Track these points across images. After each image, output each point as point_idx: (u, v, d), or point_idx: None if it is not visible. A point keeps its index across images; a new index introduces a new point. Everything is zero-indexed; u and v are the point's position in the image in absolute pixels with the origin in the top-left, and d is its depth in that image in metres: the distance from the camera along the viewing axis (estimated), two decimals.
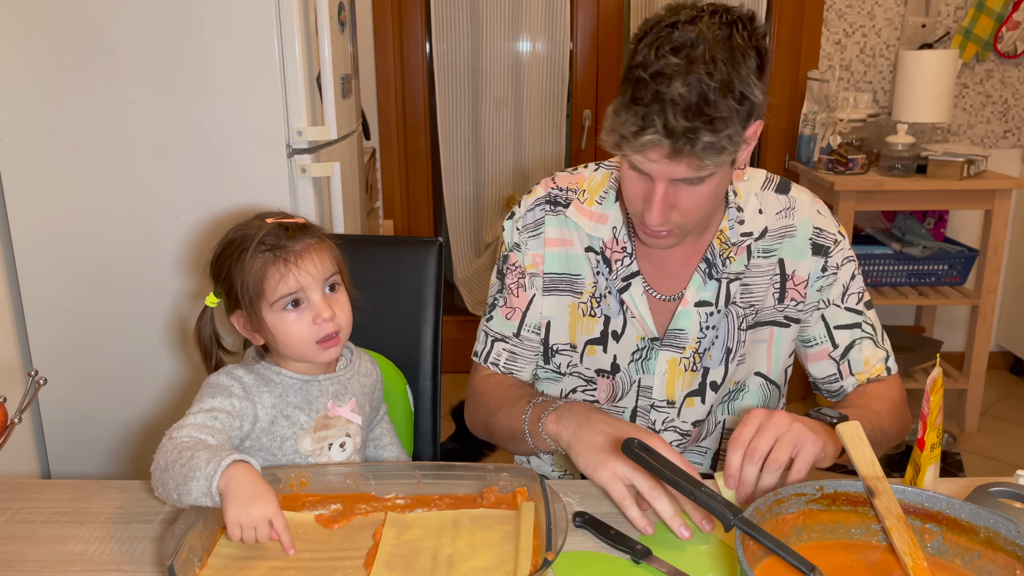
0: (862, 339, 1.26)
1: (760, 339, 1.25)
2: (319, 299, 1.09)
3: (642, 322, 1.23)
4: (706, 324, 1.23)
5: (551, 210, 1.28)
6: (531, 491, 1.05)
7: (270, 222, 1.11)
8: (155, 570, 0.96)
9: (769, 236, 1.23)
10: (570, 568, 0.96)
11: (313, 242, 1.11)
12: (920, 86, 2.81)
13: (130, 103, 1.75)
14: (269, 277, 1.08)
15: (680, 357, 1.24)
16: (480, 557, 0.94)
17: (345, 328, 1.13)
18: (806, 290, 1.24)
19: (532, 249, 1.28)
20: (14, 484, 1.16)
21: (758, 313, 1.24)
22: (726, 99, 0.98)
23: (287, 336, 1.09)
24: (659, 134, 0.99)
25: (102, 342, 1.86)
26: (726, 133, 0.99)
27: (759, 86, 1.01)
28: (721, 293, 1.22)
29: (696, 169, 1.02)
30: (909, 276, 2.98)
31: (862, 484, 0.88)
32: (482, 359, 1.34)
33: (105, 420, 1.89)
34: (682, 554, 0.98)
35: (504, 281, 1.31)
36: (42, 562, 0.98)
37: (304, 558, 0.95)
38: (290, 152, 1.79)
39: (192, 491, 0.94)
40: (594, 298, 1.26)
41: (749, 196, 1.24)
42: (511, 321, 1.31)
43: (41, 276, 1.85)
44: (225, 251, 1.12)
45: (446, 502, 1.05)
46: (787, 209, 1.24)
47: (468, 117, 3.32)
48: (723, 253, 1.22)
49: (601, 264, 1.25)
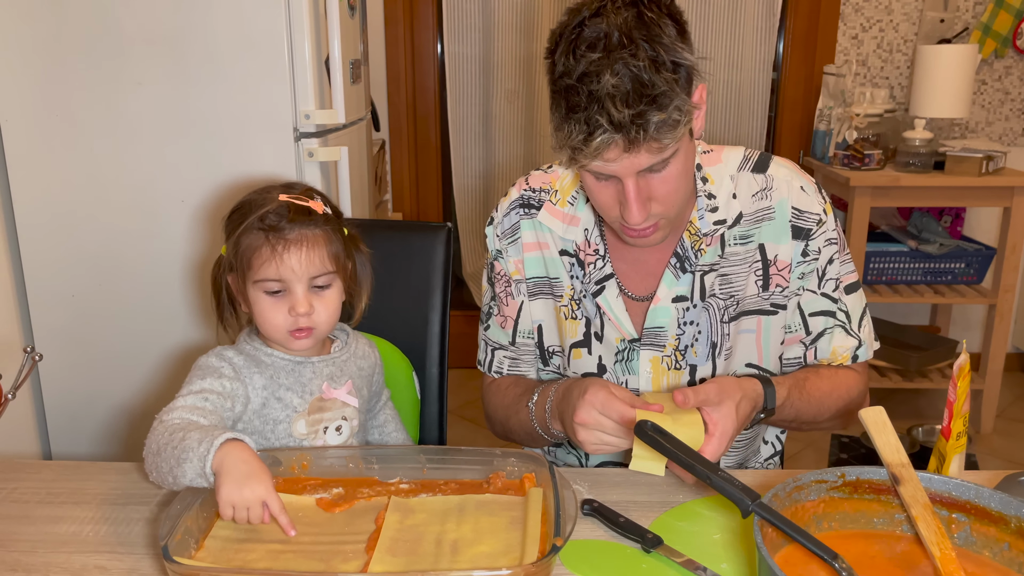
0: (834, 328, 1.21)
1: (746, 329, 1.20)
2: (301, 292, 1.06)
3: (618, 324, 1.20)
4: (684, 320, 1.19)
5: (525, 214, 1.25)
6: (539, 477, 1.01)
7: (281, 199, 1.08)
8: (150, 551, 0.94)
9: (745, 221, 1.17)
10: (579, 557, 0.92)
11: (309, 233, 1.06)
12: (939, 81, 2.76)
13: (136, 84, 1.73)
14: (256, 256, 1.06)
15: (661, 356, 1.20)
16: (486, 543, 0.91)
17: (322, 325, 1.09)
18: (790, 275, 1.19)
19: (512, 256, 1.26)
20: (10, 463, 1.14)
21: (740, 303, 1.19)
22: (660, 73, 0.94)
23: (261, 316, 1.08)
24: (608, 132, 0.95)
25: (105, 326, 1.84)
26: (673, 106, 0.95)
27: (687, 48, 0.98)
28: (696, 286, 1.18)
29: (657, 152, 0.99)
30: (925, 274, 2.93)
31: (886, 471, 0.84)
32: (486, 368, 1.34)
33: (107, 404, 1.87)
34: (694, 543, 0.94)
35: (494, 289, 1.30)
36: (35, 542, 0.96)
37: (304, 541, 0.92)
38: (297, 136, 1.77)
39: (186, 472, 0.92)
40: (573, 300, 1.23)
41: (723, 180, 1.18)
42: (505, 330, 1.30)
43: (45, 260, 1.82)
44: (236, 211, 1.11)
45: (451, 487, 1.02)
46: (764, 190, 1.17)
47: (479, 110, 3.29)
48: (694, 245, 1.17)
49: (575, 267, 1.22)
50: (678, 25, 0.99)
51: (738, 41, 3.10)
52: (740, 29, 3.09)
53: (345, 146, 1.82)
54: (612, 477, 1.11)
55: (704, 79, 1.03)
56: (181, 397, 1.04)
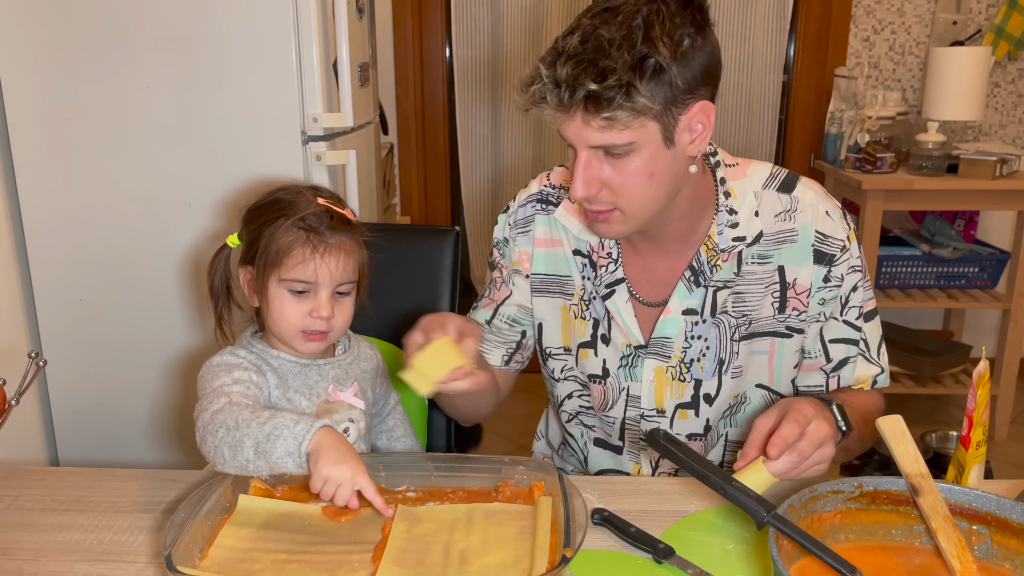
0: (857, 357, 1.18)
1: (759, 350, 1.17)
2: (325, 296, 1.08)
3: (625, 329, 1.18)
4: (692, 333, 1.16)
5: (542, 209, 1.24)
6: (549, 486, 1.00)
7: (321, 203, 1.10)
8: (154, 561, 0.92)
9: (765, 241, 1.14)
10: (589, 567, 0.91)
11: (348, 242, 1.09)
12: (952, 83, 2.73)
13: (144, 87, 1.72)
14: (292, 255, 1.06)
15: (667, 366, 1.18)
16: (494, 553, 0.89)
17: (337, 330, 1.11)
18: (808, 299, 1.15)
19: (520, 246, 1.25)
20: (15, 471, 1.13)
21: (752, 323, 1.16)
22: (622, 54, 0.95)
23: (279, 313, 1.08)
24: (544, 83, 0.99)
25: (113, 331, 1.83)
26: (613, 84, 0.95)
27: (684, 61, 0.97)
28: (707, 302, 1.16)
29: (602, 130, 0.98)
30: (938, 278, 2.90)
31: (905, 482, 0.82)
32: None
33: (115, 410, 1.86)
34: (707, 554, 0.92)
35: (492, 275, 1.30)
36: (38, 550, 0.94)
37: (309, 551, 0.90)
38: (305, 139, 1.76)
39: (276, 449, 0.91)
40: (584, 301, 1.21)
41: (746, 196, 1.15)
42: (486, 310, 1.28)
43: (52, 263, 1.82)
44: (268, 206, 1.11)
45: (459, 496, 1.01)
46: (788, 211, 1.14)
47: (487, 113, 3.28)
48: (710, 260, 1.15)
49: (587, 268, 1.21)
50: (692, 39, 0.98)
51: (748, 43, 3.08)
52: (750, 31, 3.07)
53: (353, 150, 1.81)
54: (622, 486, 1.09)
55: (704, 98, 1.01)
56: (220, 387, 1.02)
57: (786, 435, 0.93)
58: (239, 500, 0.97)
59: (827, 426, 0.97)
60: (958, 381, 2.89)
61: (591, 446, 1.27)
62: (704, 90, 1.01)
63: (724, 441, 1.22)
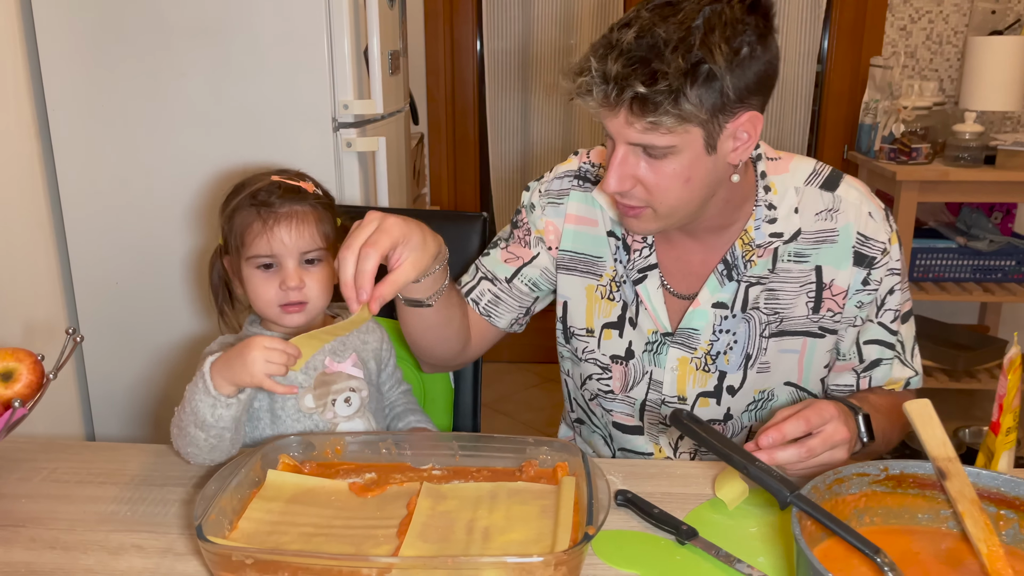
0: (891, 360, 1.16)
1: (789, 349, 1.16)
2: (291, 266, 1.10)
3: (654, 316, 1.17)
4: (720, 327, 1.15)
5: (579, 185, 1.22)
6: (572, 466, 1.00)
7: (273, 179, 1.13)
8: (185, 532, 0.94)
9: (803, 239, 1.12)
10: (612, 547, 0.91)
11: (298, 209, 1.11)
12: (990, 73, 2.67)
13: (180, 75, 1.75)
14: (248, 231, 1.10)
15: (691, 356, 1.17)
16: (517, 531, 0.90)
17: (315, 300, 1.12)
18: (845, 301, 1.13)
19: (548, 216, 1.23)
20: (52, 444, 1.16)
21: (784, 321, 1.15)
22: (676, 56, 0.92)
23: (254, 292, 1.12)
24: (593, 77, 0.96)
25: (148, 314, 1.87)
26: (663, 89, 0.92)
27: (739, 71, 0.94)
28: (739, 296, 1.14)
29: (645, 132, 0.96)
30: (974, 272, 2.85)
31: (931, 465, 0.81)
32: (464, 292, 1.26)
33: (150, 391, 1.90)
34: (730, 536, 0.92)
35: (513, 231, 1.27)
36: (74, 521, 0.97)
37: (336, 525, 0.92)
38: (336, 126, 1.77)
39: (200, 407, 0.99)
40: (614, 282, 1.20)
41: (787, 192, 1.12)
42: (508, 265, 1.25)
43: (90, 248, 1.86)
44: (232, 193, 1.15)
45: (484, 475, 1.02)
46: (830, 211, 1.12)
47: (518, 103, 3.28)
48: (745, 255, 1.13)
49: (620, 251, 1.19)
50: (751, 48, 0.95)
51: (782, 33, 3.04)
52: (784, 20, 3.03)
53: (383, 136, 1.83)
54: (646, 468, 1.09)
55: (754, 109, 0.99)
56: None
57: (786, 429, 0.94)
58: (268, 475, 0.99)
59: (845, 431, 0.96)
60: (993, 376, 2.84)
61: (611, 428, 1.27)
62: (755, 100, 0.99)
63: (748, 433, 1.22)
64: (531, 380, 3.27)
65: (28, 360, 1.01)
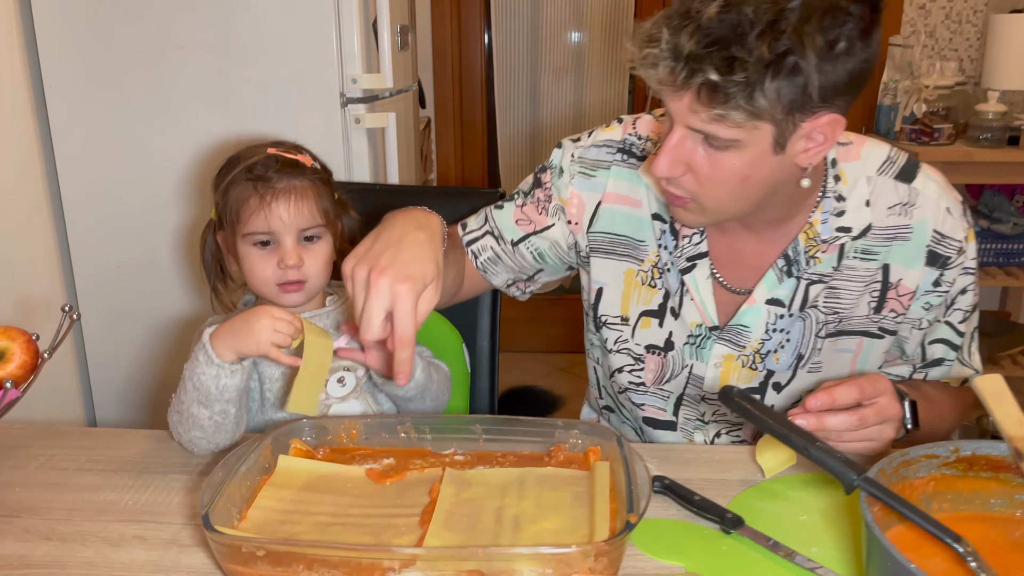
0: (953, 361, 1.09)
1: (844, 348, 1.07)
2: (290, 244, 1.05)
3: (701, 309, 1.08)
4: (774, 326, 1.06)
5: (623, 160, 1.11)
6: (605, 451, 0.93)
7: (269, 152, 1.07)
8: (191, 522, 0.88)
9: (873, 235, 1.02)
10: (651, 538, 0.84)
11: (297, 184, 1.05)
12: (1012, 51, 2.60)
13: (179, 48, 1.68)
14: (244, 207, 1.05)
15: (739, 354, 1.08)
16: (550, 519, 0.83)
17: (314, 279, 1.08)
18: (911, 302, 1.04)
19: (576, 187, 1.12)
20: (48, 430, 1.09)
21: (843, 321, 1.06)
22: (760, 43, 0.80)
23: (251, 271, 1.07)
24: (662, 51, 0.85)
25: (149, 297, 1.81)
26: (738, 80, 0.81)
27: (826, 66, 0.82)
28: (798, 295, 1.05)
29: (709, 121, 0.86)
30: (996, 255, 2.78)
31: (1007, 446, 0.74)
32: (465, 239, 1.18)
33: (154, 377, 1.84)
34: (780, 524, 0.85)
35: (534, 189, 1.16)
36: (71, 510, 0.90)
37: (353, 514, 0.85)
38: (344, 101, 1.70)
39: (203, 379, 0.95)
40: (656, 268, 1.11)
41: (858, 181, 1.01)
42: (518, 227, 1.15)
43: (89, 230, 1.79)
44: (226, 167, 1.10)
45: (509, 460, 0.95)
46: (905, 205, 1.01)
47: (526, 87, 3.20)
48: (808, 250, 1.03)
49: (667, 236, 1.09)
50: (849, 43, 0.83)
51: None
52: None
53: (393, 112, 1.76)
54: (682, 454, 1.02)
55: (837, 111, 0.88)
56: None
57: (837, 394, 0.87)
58: (279, 461, 0.93)
59: (899, 407, 0.90)
60: (1015, 363, 2.77)
61: (640, 423, 1.20)
62: (841, 100, 0.87)
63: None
64: (542, 370, 3.21)
65: (21, 339, 0.94)
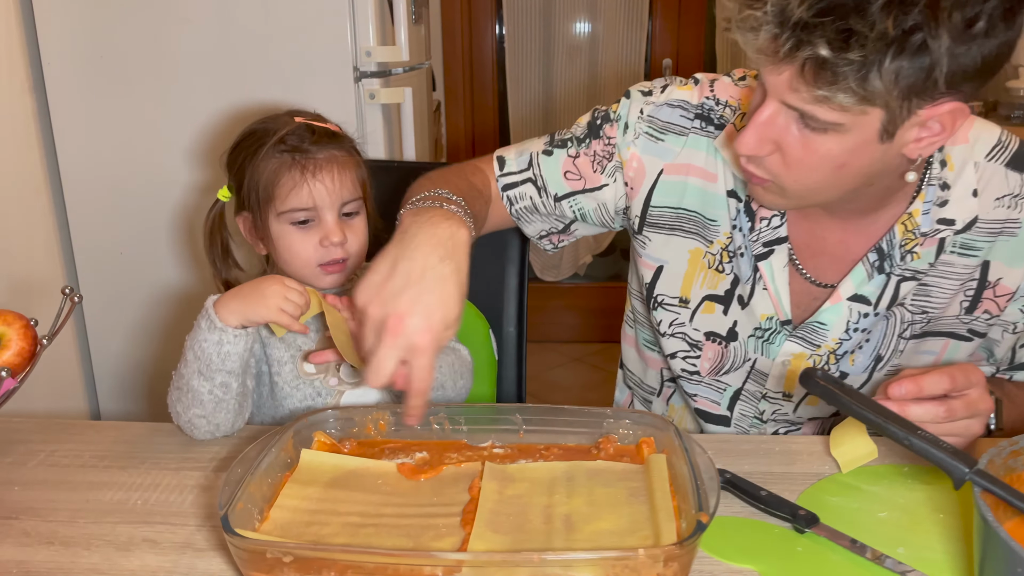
0: None
1: (927, 350, 0.99)
2: (332, 220, 0.98)
3: (776, 301, 0.98)
4: (856, 325, 0.96)
5: (700, 128, 0.99)
6: (660, 442, 0.85)
7: (299, 120, 1.00)
8: (207, 523, 0.80)
9: (977, 229, 0.92)
10: (717, 537, 0.76)
11: (339, 155, 0.99)
12: None
13: (184, 21, 1.59)
14: (282, 183, 0.97)
15: (812, 354, 0.99)
16: (606, 519, 0.75)
17: (355, 256, 1.02)
18: (1008, 304, 0.95)
19: (639, 149, 1.01)
20: (50, 424, 1.01)
21: (931, 321, 0.97)
22: (886, 15, 0.70)
23: (288, 252, 0.99)
24: (766, 14, 0.75)
25: (155, 286, 1.74)
26: (854, 59, 0.72)
27: (958, 48, 0.72)
28: (887, 292, 0.95)
29: (810, 101, 0.76)
30: None
31: None
32: (500, 179, 1.07)
33: (162, 367, 1.77)
34: (858, 522, 0.77)
35: (591, 139, 1.04)
36: (75, 511, 0.82)
37: (386, 514, 0.77)
38: (357, 76, 1.62)
39: (204, 346, 0.90)
40: (727, 251, 1.00)
41: (965, 167, 0.91)
42: (566, 182, 1.04)
43: (91, 215, 1.72)
44: (243, 141, 1.01)
45: (554, 453, 0.87)
46: (1015, 196, 0.91)
47: (539, 68, 3.12)
48: (905, 243, 0.93)
49: (742, 216, 0.98)
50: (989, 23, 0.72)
51: None
52: None
53: (409, 87, 1.67)
54: (739, 444, 0.94)
55: (961, 99, 0.78)
56: None
57: (924, 382, 0.77)
58: (301, 455, 0.84)
59: (990, 401, 0.81)
60: None
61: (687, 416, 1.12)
62: (968, 87, 0.77)
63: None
64: (556, 360, 3.13)
65: (18, 324, 0.86)
